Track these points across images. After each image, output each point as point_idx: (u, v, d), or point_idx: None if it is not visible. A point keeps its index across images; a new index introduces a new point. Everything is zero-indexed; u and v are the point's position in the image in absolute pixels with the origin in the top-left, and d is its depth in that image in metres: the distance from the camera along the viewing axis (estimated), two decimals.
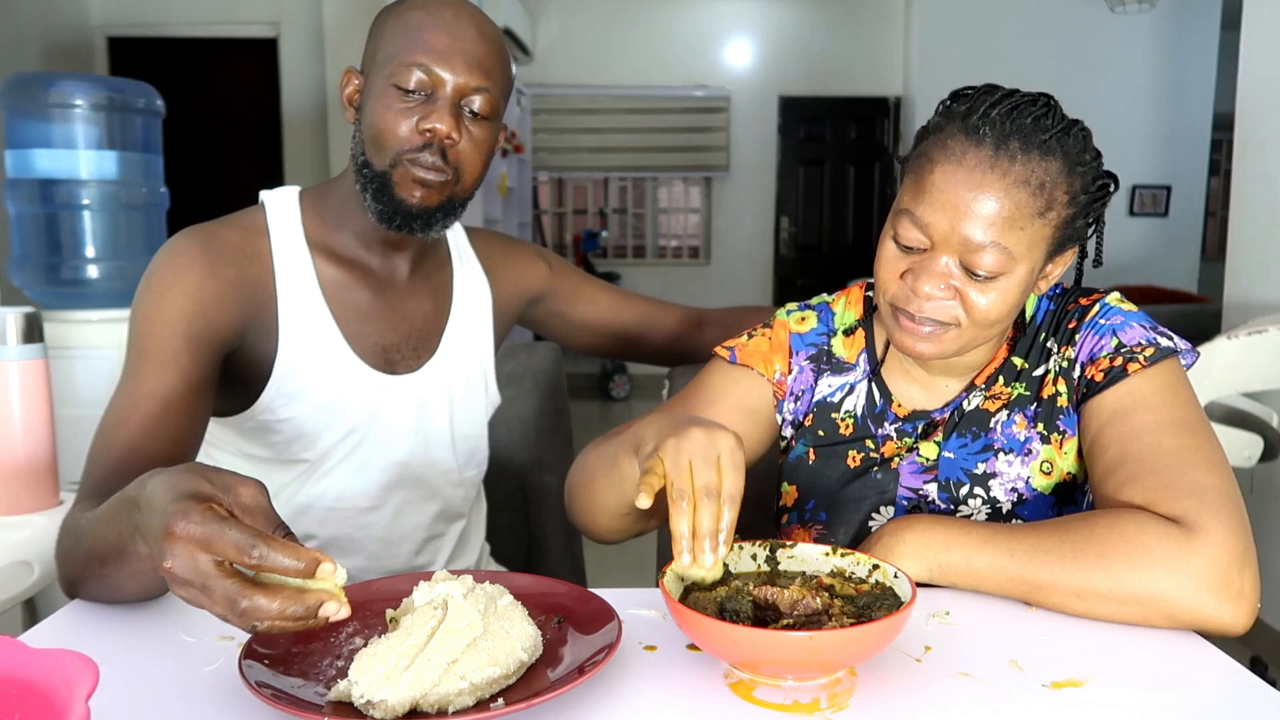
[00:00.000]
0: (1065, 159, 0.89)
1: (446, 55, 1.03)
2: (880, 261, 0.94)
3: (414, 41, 1.03)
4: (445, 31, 1.03)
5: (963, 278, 0.90)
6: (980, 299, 0.90)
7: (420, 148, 1.03)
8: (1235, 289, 2.77)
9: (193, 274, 1.02)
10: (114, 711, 0.66)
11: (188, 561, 0.61)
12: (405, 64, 1.02)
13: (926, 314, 0.91)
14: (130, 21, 5.61)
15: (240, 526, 0.62)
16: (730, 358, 1.08)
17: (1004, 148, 0.87)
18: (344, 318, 1.11)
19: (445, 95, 1.03)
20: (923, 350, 0.93)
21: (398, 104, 1.03)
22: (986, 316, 0.90)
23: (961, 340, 0.93)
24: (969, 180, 0.87)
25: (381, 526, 1.17)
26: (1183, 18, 6.49)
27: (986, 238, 0.87)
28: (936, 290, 0.90)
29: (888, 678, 0.72)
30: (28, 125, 2.33)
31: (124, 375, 0.99)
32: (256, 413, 1.09)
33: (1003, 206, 0.87)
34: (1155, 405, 0.89)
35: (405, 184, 1.04)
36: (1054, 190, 0.88)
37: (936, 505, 1.00)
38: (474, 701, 0.64)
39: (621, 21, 7.12)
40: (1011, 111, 0.88)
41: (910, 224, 0.90)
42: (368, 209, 1.07)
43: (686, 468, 0.73)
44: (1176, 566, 0.78)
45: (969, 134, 0.88)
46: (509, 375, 1.41)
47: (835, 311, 1.10)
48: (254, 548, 0.61)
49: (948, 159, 0.88)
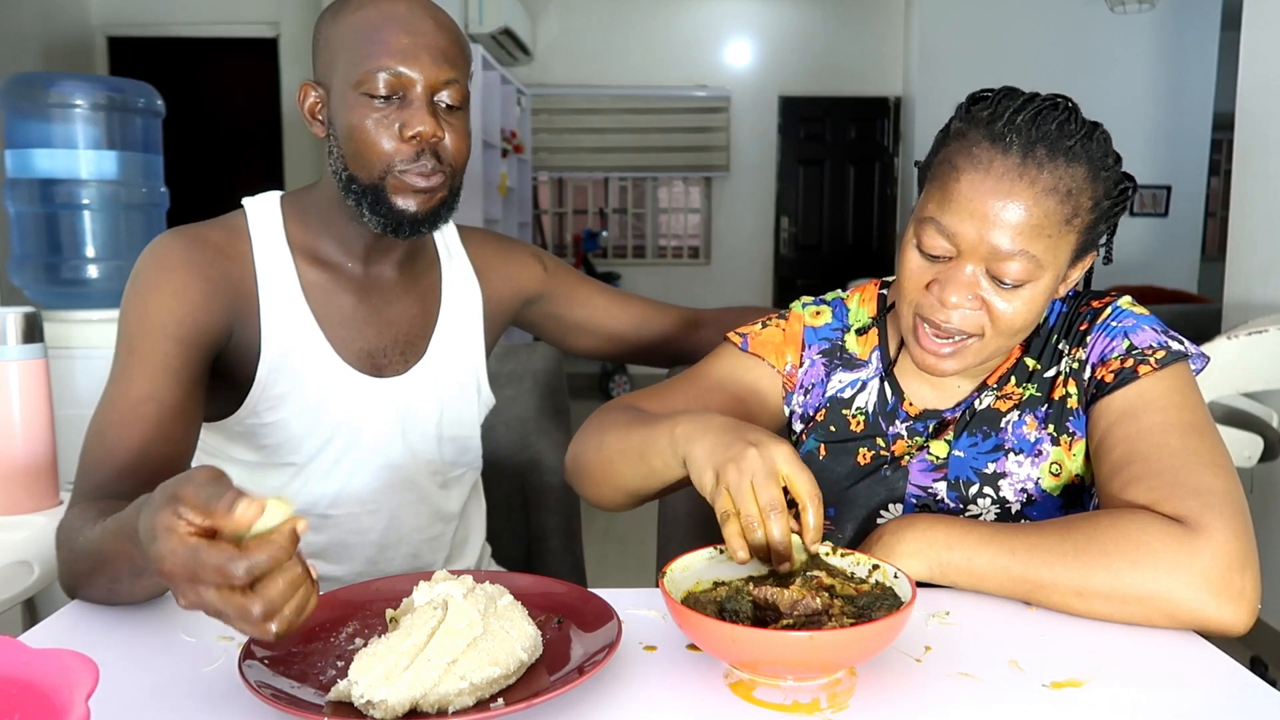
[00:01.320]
0: (1090, 165, 0.89)
1: (412, 53, 1.00)
2: (904, 271, 0.94)
3: (375, 45, 1.00)
4: (404, 29, 1.01)
5: (989, 287, 0.90)
6: (1006, 308, 0.90)
7: (412, 156, 1.01)
8: (1235, 289, 2.77)
9: (179, 274, 1.02)
10: (114, 711, 0.66)
11: (189, 596, 0.62)
12: (371, 70, 0.99)
13: (954, 324, 0.91)
14: (130, 21, 5.61)
15: (209, 547, 0.61)
16: (742, 345, 1.08)
17: (1031, 155, 0.87)
18: (327, 322, 1.10)
19: (418, 95, 1.01)
20: (944, 369, 0.94)
21: (373, 113, 1.00)
22: (1011, 325, 0.91)
23: (983, 353, 0.93)
24: (997, 189, 0.86)
25: (377, 531, 1.17)
26: (1183, 18, 6.48)
27: (1015, 246, 0.87)
28: (964, 300, 0.90)
29: (888, 678, 0.72)
30: (28, 125, 2.33)
31: (114, 377, 0.99)
32: (242, 416, 1.08)
33: (1031, 215, 0.86)
34: (1164, 407, 0.90)
35: (403, 193, 1.02)
36: (1080, 197, 0.88)
37: (945, 504, 1.00)
38: (474, 701, 0.64)
39: (621, 21, 7.12)
40: (1036, 117, 0.88)
41: (936, 232, 0.90)
42: (367, 221, 1.05)
43: (749, 491, 0.76)
44: (1178, 565, 0.78)
45: (994, 141, 0.88)
46: (509, 375, 1.41)
47: (850, 308, 1.10)
48: (232, 569, 0.59)
49: (974, 167, 0.88)
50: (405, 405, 1.15)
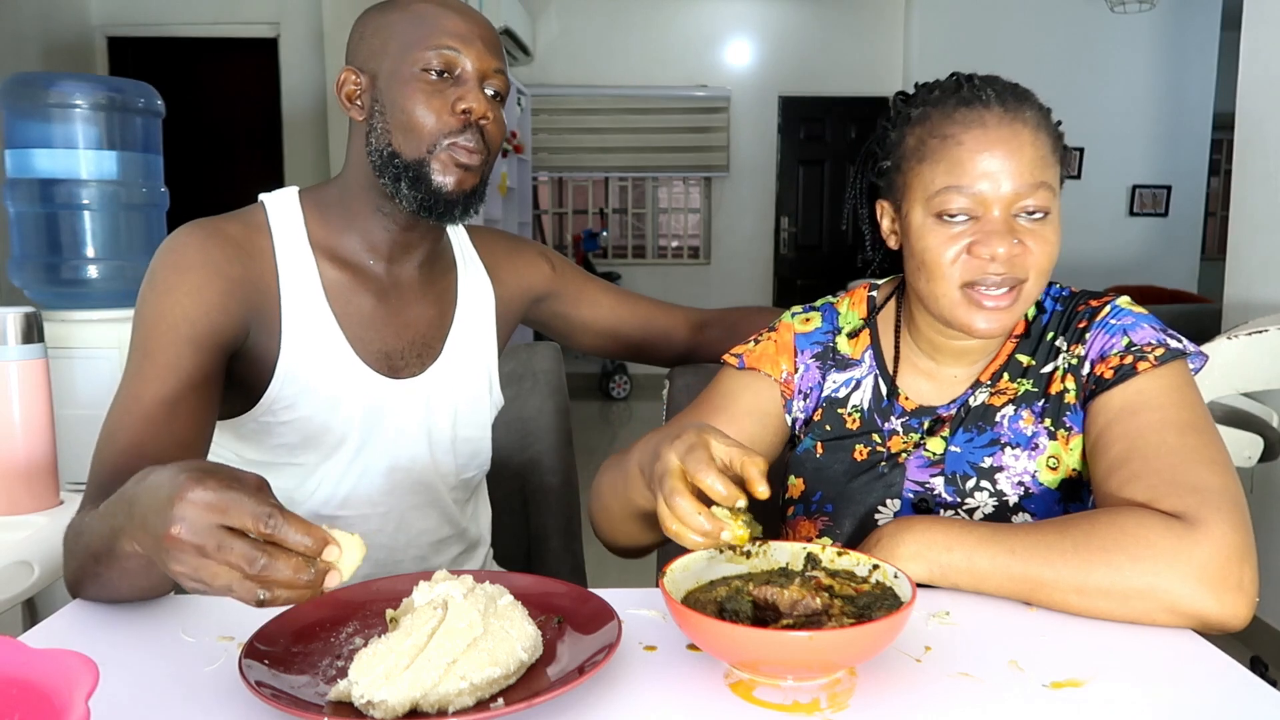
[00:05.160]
0: (1039, 106, 0.97)
1: (467, 38, 1.05)
2: (934, 251, 0.95)
3: (433, 27, 1.05)
4: (461, 16, 1.07)
5: (1023, 227, 0.93)
6: (1038, 246, 0.93)
7: (459, 130, 1.04)
8: (1235, 289, 2.77)
9: (196, 273, 1.02)
10: (114, 711, 0.66)
11: (198, 524, 0.62)
12: (430, 48, 1.04)
13: (1009, 272, 0.93)
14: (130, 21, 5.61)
15: (256, 496, 0.63)
16: (739, 364, 1.10)
17: (1010, 102, 0.94)
18: (347, 321, 1.10)
19: (471, 76, 1.05)
20: (1002, 323, 0.95)
21: (427, 87, 1.04)
22: (1048, 258, 0.94)
23: (1030, 299, 0.96)
24: (1000, 135, 0.92)
25: (387, 534, 1.16)
26: (1183, 18, 6.48)
27: (1035, 178, 0.92)
28: (1010, 245, 0.92)
29: (888, 678, 0.72)
30: (28, 125, 2.34)
31: (127, 376, 0.99)
32: (256, 415, 1.08)
33: (1036, 147, 0.93)
34: (1163, 405, 0.90)
35: (447, 168, 1.05)
36: (1052, 128, 0.96)
37: (943, 499, 1.00)
38: (474, 701, 0.64)
39: (621, 21, 7.12)
40: (983, 80, 0.96)
41: (957, 195, 0.93)
42: (402, 200, 1.06)
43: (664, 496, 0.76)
44: (1178, 560, 0.78)
45: (971, 103, 0.94)
46: (510, 375, 1.41)
47: (840, 311, 1.12)
48: (270, 516, 0.63)
49: (969, 127, 0.93)
50: (420, 406, 1.15)
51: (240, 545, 0.62)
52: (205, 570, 0.63)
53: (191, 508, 0.63)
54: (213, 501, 0.63)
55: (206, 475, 0.64)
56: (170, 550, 0.64)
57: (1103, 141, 6.41)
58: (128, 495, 0.73)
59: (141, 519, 0.68)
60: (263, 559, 0.62)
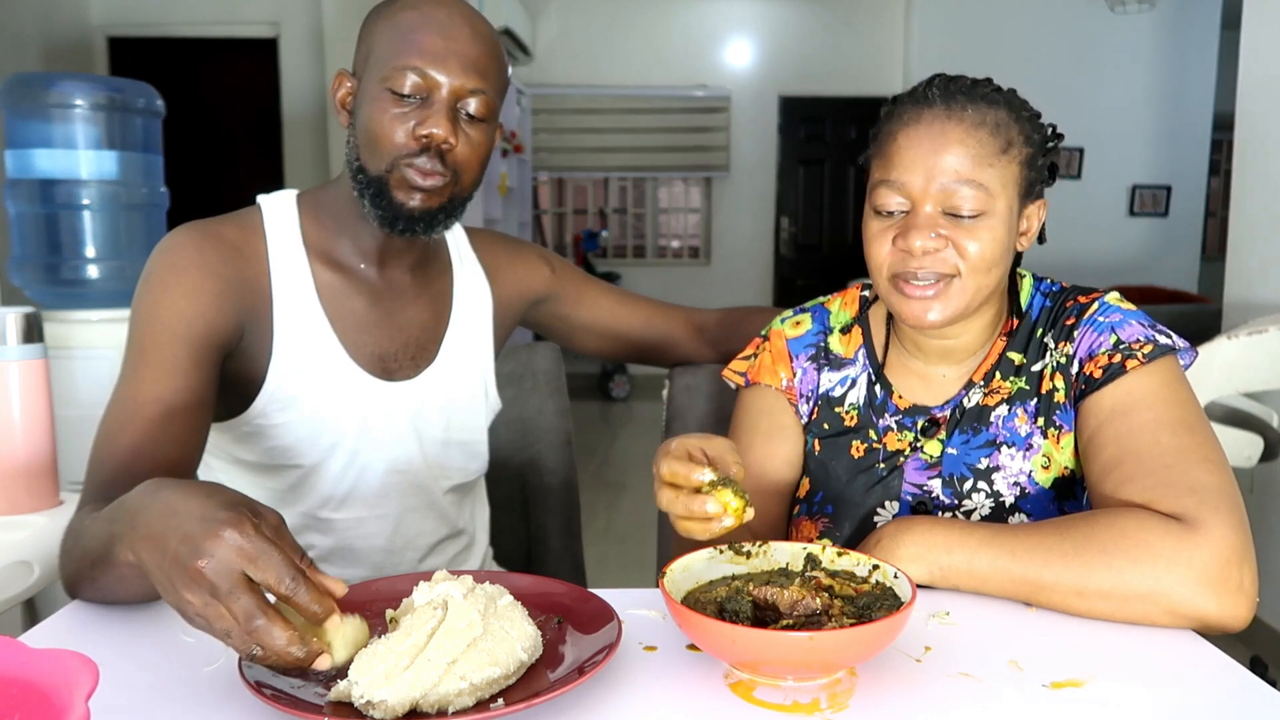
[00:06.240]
0: (1009, 108, 0.96)
1: (441, 57, 1.01)
2: (869, 242, 0.98)
3: (407, 44, 1.01)
4: (439, 33, 1.02)
5: (950, 224, 0.93)
6: (972, 243, 0.93)
7: (417, 152, 1.01)
8: (1235, 289, 2.77)
9: (190, 274, 1.02)
10: (114, 711, 0.66)
11: (225, 566, 0.62)
12: (398, 67, 1.00)
13: (926, 267, 0.93)
14: (130, 21, 5.61)
15: (284, 554, 0.63)
16: (745, 382, 1.11)
17: (954, 102, 0.94)
18: (340, 324, 1.10)
19: (441, 99, 1.01)
20: (932, 314, 0.94)
21: (392, 108, 1.01)
22: (982, 258, 0.93)
23: (965, 294, 0.94)
24: (930, 131, 0.93)
25: (384, 536, 1.16)
26: (1183, 18, 6.48)
27: (960, 176, 0.92)
28: (929, 240, 0.92)
29: (888, 678, 0.72)
30: (28, 125, 2.33)
31: (123, 377, 0.99)
32: (250, 418, 1.08)
33: (967, 147, 0.93)
34: (1154, 403, 0.90)
35: (403, 188, 1.03)
36: (1008, 131, 0.94)
37: (941, 500, 1.00)
38: (474, 702, 0.64)
39: (621, 21, 7.12)
40: (949, 81, 0.97)
41: (887, 190, 0.95)
42: (367, 214, 1.06)
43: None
44: (1178, 562, 0.78)
45: (919, 102, 0.96)
46: (509, 375, 1.41)
47: (831, 311, 1.12)
48: (292, 579, 0.63)
49: (905, 124, 0.95)
50: (415, 409, 1.15)
51: (246, 600, 0.62)
52: (212, 609, 0.63)
53: (224, 547, 0.63)
54: (246, 549, 0.63)
55: (247, 518, 0.64)
56: (190, 581, 0.63)
57: (1103, 141, 6.42)
58: (131, 505, 0.72)
59: (148, 533, 0.68)
60: (260, 619, 0.62)
